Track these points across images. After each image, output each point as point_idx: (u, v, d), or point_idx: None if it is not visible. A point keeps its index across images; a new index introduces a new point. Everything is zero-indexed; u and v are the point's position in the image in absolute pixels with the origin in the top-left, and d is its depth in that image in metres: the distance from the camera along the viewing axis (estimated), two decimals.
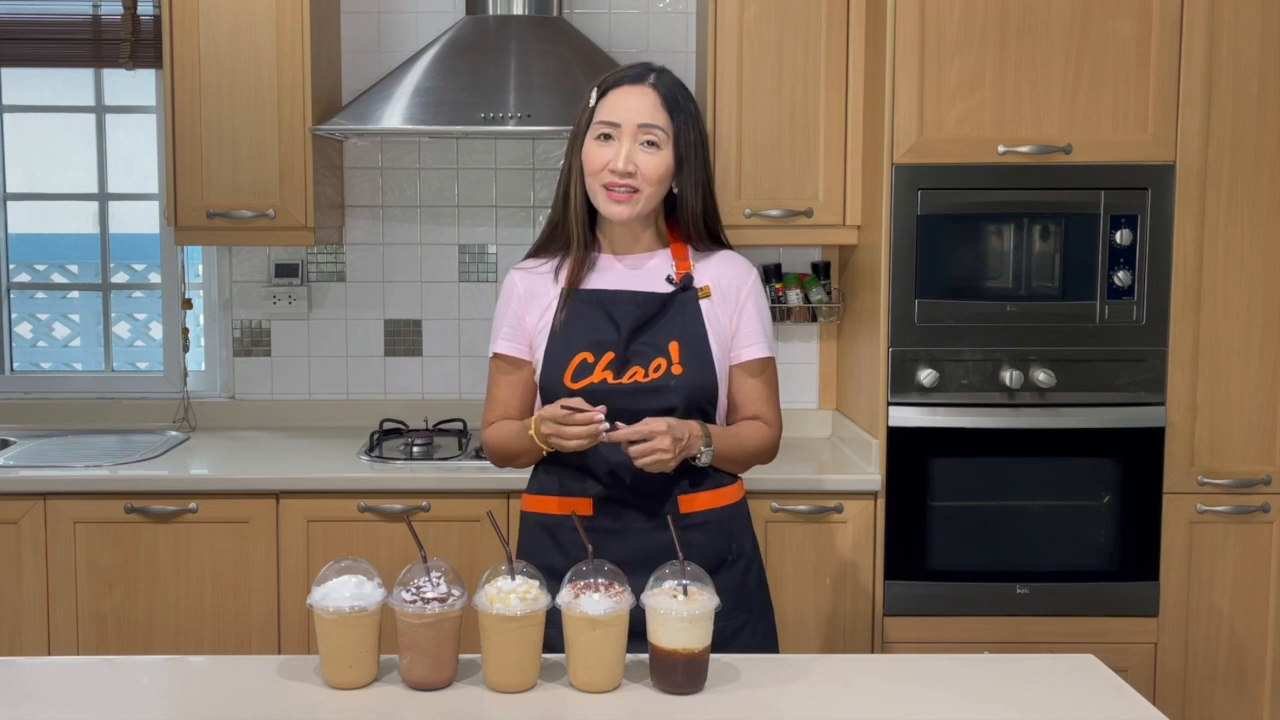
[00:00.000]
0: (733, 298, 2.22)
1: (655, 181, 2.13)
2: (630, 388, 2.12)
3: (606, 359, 2.14)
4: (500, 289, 2.30)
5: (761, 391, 2.24)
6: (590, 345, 2.15)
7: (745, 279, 2.24)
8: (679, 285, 2.19)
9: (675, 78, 2.20)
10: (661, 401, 2.12)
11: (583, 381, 2.13)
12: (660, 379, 2.13)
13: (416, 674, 1.78)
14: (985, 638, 3.00)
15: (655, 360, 2.14)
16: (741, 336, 2.22)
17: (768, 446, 2.26)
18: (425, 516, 3.02)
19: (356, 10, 3.55)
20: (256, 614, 3.05)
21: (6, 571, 3.03)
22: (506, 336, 2.24)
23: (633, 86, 2.15)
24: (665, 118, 2.13)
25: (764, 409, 2.25)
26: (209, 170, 3.23)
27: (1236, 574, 3.06)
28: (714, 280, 2.21)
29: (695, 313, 2.18)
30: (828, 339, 3.60)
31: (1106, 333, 3.00)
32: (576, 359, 2.15)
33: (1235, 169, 2.98)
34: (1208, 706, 3.08)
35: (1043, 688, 1.85)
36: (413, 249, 3.62)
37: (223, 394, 3.66)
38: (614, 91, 2.15)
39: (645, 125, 2.12)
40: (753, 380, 2.23)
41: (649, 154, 2.12)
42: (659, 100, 2.13)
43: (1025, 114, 2.96)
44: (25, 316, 4.33)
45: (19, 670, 1.94)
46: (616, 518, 2.15)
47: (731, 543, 2.22)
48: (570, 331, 2.17)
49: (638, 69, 2.18)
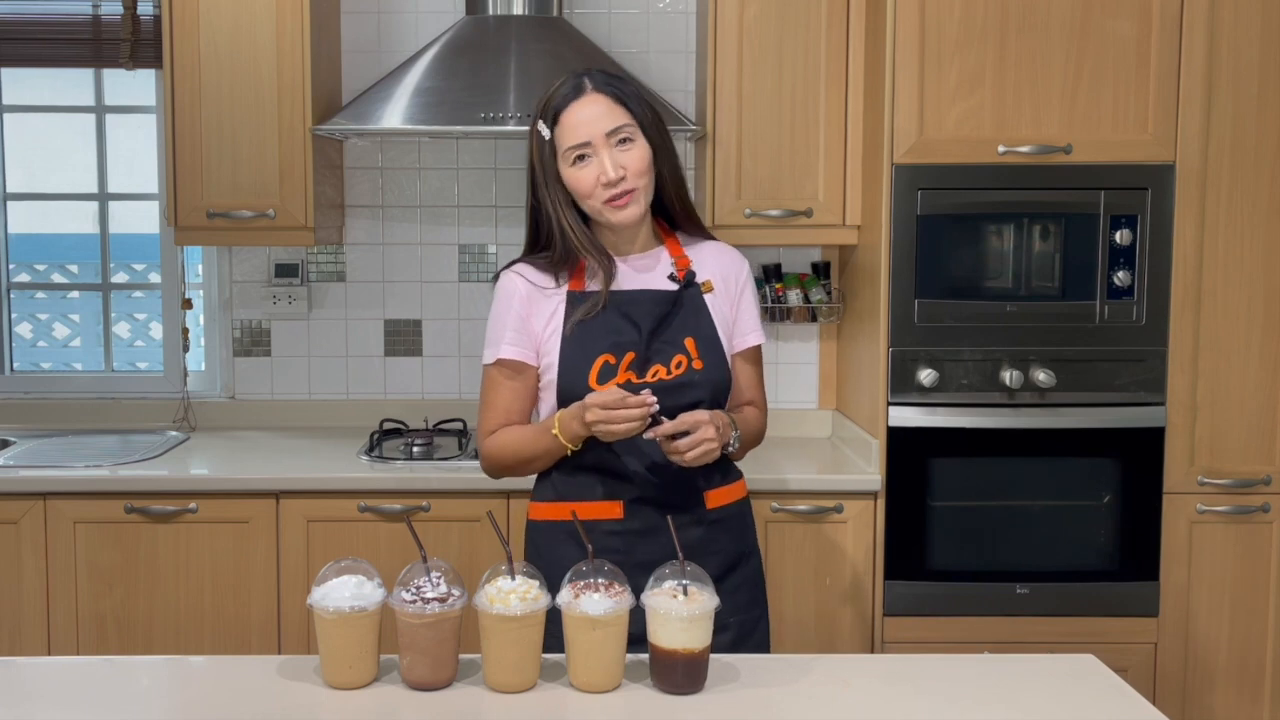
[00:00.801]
0: (732, 288, 2.26)
1: (644, 173, 2.14)
2: (655, 386, 2.12)
3: (628, 359, 2.14)
4: (496, 291, 2.25)
5: (756, 377, 2.32)
6: (611, 347, 2.14)
7: (741, 269, 2.29)
8: (684, 282, 2.20)
9: (606, 73, 2.17)
10: (687, 397, 2.14)
11: (608, 384, 2.12)
12: (684, 375, 2.16)
13: (416, 674, 1.78)
14: (985, 638, 3.00)
15: (676, 357, 2.16)
16: (741, 325, 2.27)
17: (762, 430, 2.34)
18: (425, 516, 3.02)
19: (356, 10, 3.55)
20: (256, 614, 3.05)
21: (6, 571, 3.03)
22: (511, 341, 2.19)
23: (580, 100, 2.12)
24: (624, 112, 2.12)
25: (757, 394, 2.33)
26: (209, 170, 3.23)
27: (1236, 574, 3.05)
28: (713, 273, 2.24)
29: (703, 307, 2.21)
30: (828, 339, 3.60)
31: (1106, 333, 3.00)
32: (599, 361, 2.14)
33: (1235, 169, 2.98)
34: (1208, 706, 3.08)
35: (1043, 688, 1.85)
36: (413, 249, 3.62)
37: (223, 394, 3.66)
38: (565, 114, 2.12)
39: (612, 132, 2.10)
40: (750, 366, 2.30)
41: (628, 151, 2.11)
42: (609, 100, 2.12)
43: (1025, 114, 2.96)
44: (25, 316, 4.33)
45: (19, 670, 1.94)
46: (648, 519, 2.14)
47: (748, 536, 2.27)
48: (586, 334, 2.15)
49: (571, 84, 2.14)
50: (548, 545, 2.20)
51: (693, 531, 2.13)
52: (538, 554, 2.21)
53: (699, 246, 2.27)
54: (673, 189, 2.22)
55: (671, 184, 2.21)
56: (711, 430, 2.06)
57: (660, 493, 2.15)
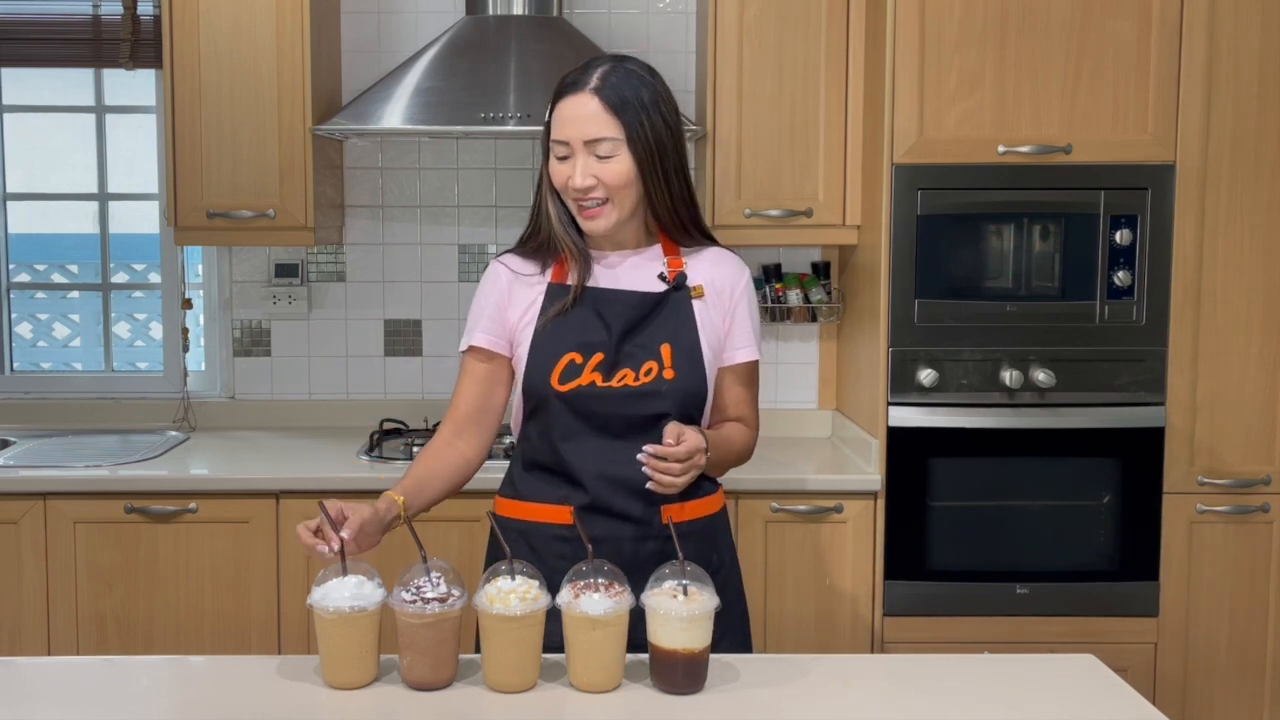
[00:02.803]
0: (726, 298, 2.14)
1: (622, 188, 2.02)
2: (620, 391, 2.05)
3: (595, 360, 2.06)
4: (481, 280, 2.20)
5: (747, 395, 2.20)
6: (579, 345, 2.07)
7: (739, 279, 2.16)
8: (672, 284, 2.10)
9: (624, 70, 2.05)
10: (652, 407, 2.05)
11: (570, 384, 2.06)
12: (651, 383, 2.06)
13: (416, 674, 1.78)
14: (985, 638, 3.00)
15: (646, 364, 2.06)
16: (734, 338, 2.15)
17: (749, 449, 2.22)
18: (425, 516, 2.99)
19: (356, 10, 3.55)
20: (256, 614, 3.05)
21: (6, 571, 3.03)
22: (485, 329, 2.13)
23: (574, 97, 2.02)
24: (611, 122, 2.00)
25: (747, 411, 2.21)
26: (209, 170, 3.23)
27: (1236, 574, 3.05)
28: (707, 280, 2.13)
29: (688, 314, 2.10)
30: (828, 339, 3.60)
31: (1106, 333, 3.00)
32: (564, 359, 2.06)
33: (1235, 169, 2.98)
34: (1208, 706, 3.08)
35: (1043, 688, 1.85)
36: (412, 249, 3.62)
37: (223, 394, 3.66)
38: (560, 104, 2.03)
39: (591, 141, 2.00)
40: (739, 386, 2.18)
41: (605, 165, 2.01)
42: (601, 106, 2.00)
43: (1025, 114, 2.96)
44: (25, 316, 4.33)
45: (19, 670, 1.94)
46: (598, 527, 2.02)
47: (713, 553, 2.14)
48: (558, 330, 2.08)
49: (580, 72, 2.05)
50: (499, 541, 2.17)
51: (648, 545, 2.06)
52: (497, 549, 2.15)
53: (699, 253, 2.15)
54: (667, 204, 2.09)
55: (665, 199, 2.08)
56: (702, 459, 1.98)
57: (613, 502, 2.06)
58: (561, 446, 2.08)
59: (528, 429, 2.14)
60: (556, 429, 2.08)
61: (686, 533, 2.03)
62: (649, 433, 2.02)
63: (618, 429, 2.05)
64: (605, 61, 2.07)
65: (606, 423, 2.05)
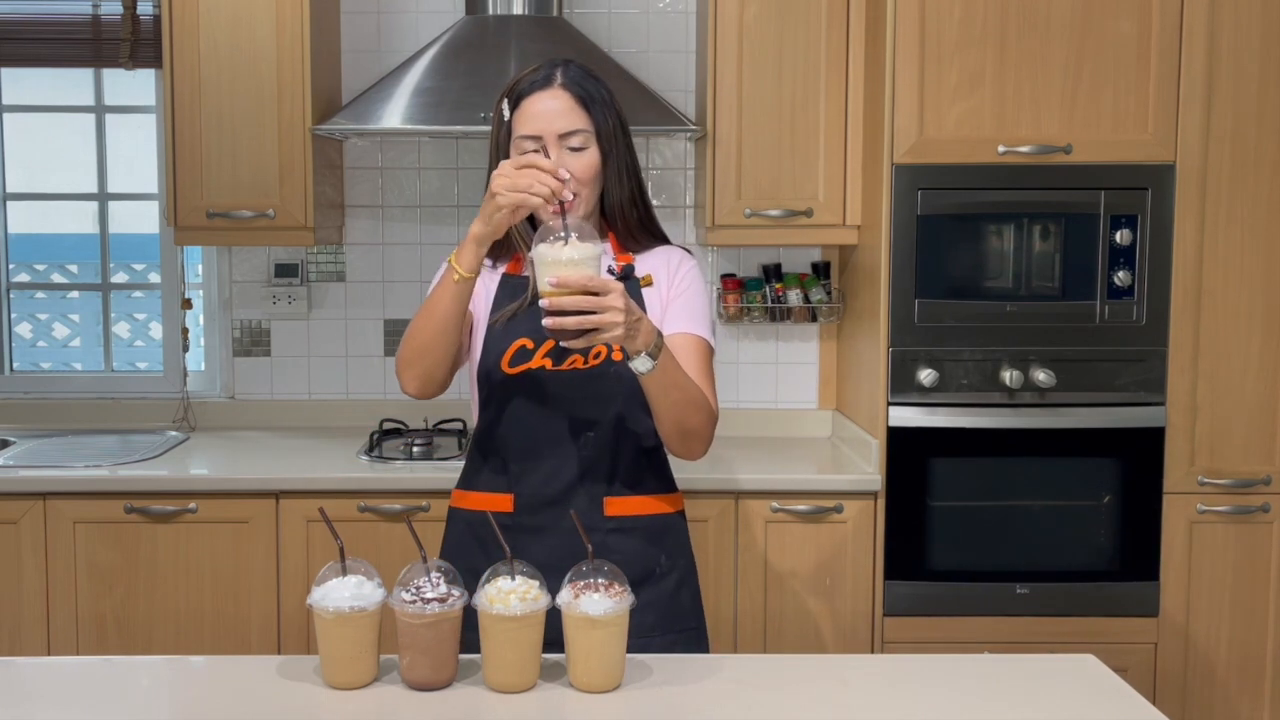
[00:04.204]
0: (668, 280, 2.13)
1: (589, 182, 2.07)
2: (569, 375, 2.08)
3: (546, 346, 2.08)
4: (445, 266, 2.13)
5: (692, 368, 2.06)
6: (529, 332, 2.08)
7: (683, 263, 2.15)
8: (620, 274, 2.09)
9: (582, 68, 2.10)
10: (602, 389, 2.07)
11: (520, 367, 2.08)
12: (600, 366, 2.07)
13: (416, 674, 1.78)
14: (985, 638, 3.00)
15: (596, 347, 2.04)
16: (671, 311, 2.11)
17: (706, 411, 2.05)
18: (425, 516, 3.02)
19: (356, 10, 3.54)
20: (256, 614, 3.05)
21: (6, 571, 3.03)
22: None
23: (543, 92, 2.05)
24: (583, 116, 2.06)
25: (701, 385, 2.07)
26: (209, 170, 3.23)
27: (1236, 574, 3.05)
28: (654, 269, 2.14)
29: (638, 302, 2.07)
30: (828, 339, 3.60)
31: (1106, 333, 3.00)
32: (515, 344, 2.09)
33: (1235, 169, 2.98)
34: (1208, 706, 3.08)
35: (1043, 688, 1.85)
36: (413, 249, 3.62)
37: (223, 394, 3.66)
38: (526, 101, 2.07)
39: (566, 134, 2.04)
40: (681, 356, 2.03)
41: (576, 157, 2.05)
42: (572, 100, 2.06)
43: (1025, 114, 2.96)
44: (25, 316, 4.32)
45: (19, 670, 1.94)
46: (537, 515, 2.06)
47: (661, 555, 2.12)
48: (510, 317, 2.11)
49: (543, 71, 2.08)
50: (451, 533, 2.18)
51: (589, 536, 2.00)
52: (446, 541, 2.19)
53: (648, 253, 2.15)
54: (622, 200, 2.11)
55: (621, 194, 2.11)
56: (620, 301, 1.81)
57: (554, 491, 2.08)
58: (509, 435, 2.11)
59: (481, 419, 2.17)
60: (505, 417, 2.11)
61: (627, 528, 2.09)
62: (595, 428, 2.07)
63: (568, 416, 2.06)
64: (558, 62, 2.11)
65: (556, 407, 2.07)
